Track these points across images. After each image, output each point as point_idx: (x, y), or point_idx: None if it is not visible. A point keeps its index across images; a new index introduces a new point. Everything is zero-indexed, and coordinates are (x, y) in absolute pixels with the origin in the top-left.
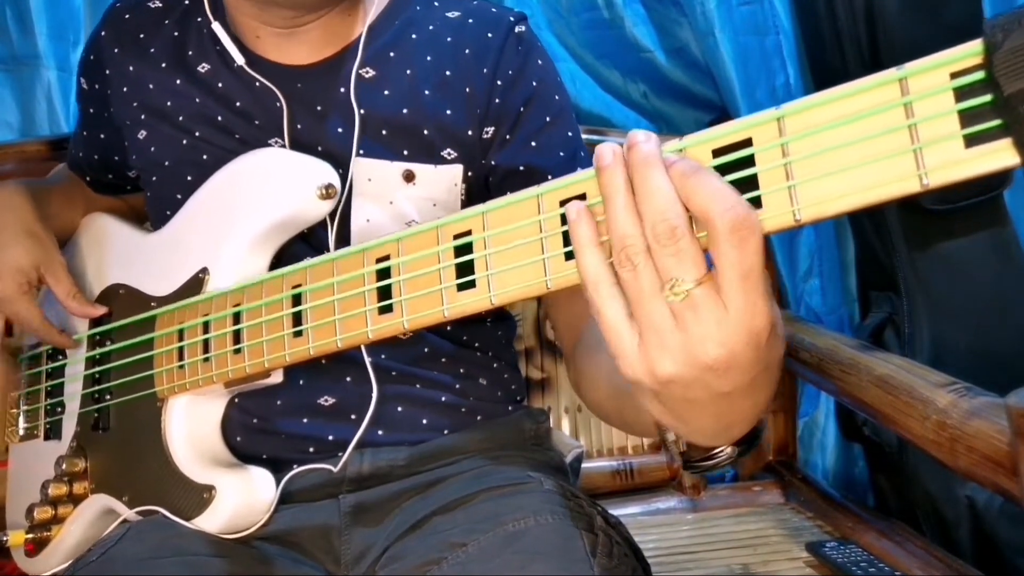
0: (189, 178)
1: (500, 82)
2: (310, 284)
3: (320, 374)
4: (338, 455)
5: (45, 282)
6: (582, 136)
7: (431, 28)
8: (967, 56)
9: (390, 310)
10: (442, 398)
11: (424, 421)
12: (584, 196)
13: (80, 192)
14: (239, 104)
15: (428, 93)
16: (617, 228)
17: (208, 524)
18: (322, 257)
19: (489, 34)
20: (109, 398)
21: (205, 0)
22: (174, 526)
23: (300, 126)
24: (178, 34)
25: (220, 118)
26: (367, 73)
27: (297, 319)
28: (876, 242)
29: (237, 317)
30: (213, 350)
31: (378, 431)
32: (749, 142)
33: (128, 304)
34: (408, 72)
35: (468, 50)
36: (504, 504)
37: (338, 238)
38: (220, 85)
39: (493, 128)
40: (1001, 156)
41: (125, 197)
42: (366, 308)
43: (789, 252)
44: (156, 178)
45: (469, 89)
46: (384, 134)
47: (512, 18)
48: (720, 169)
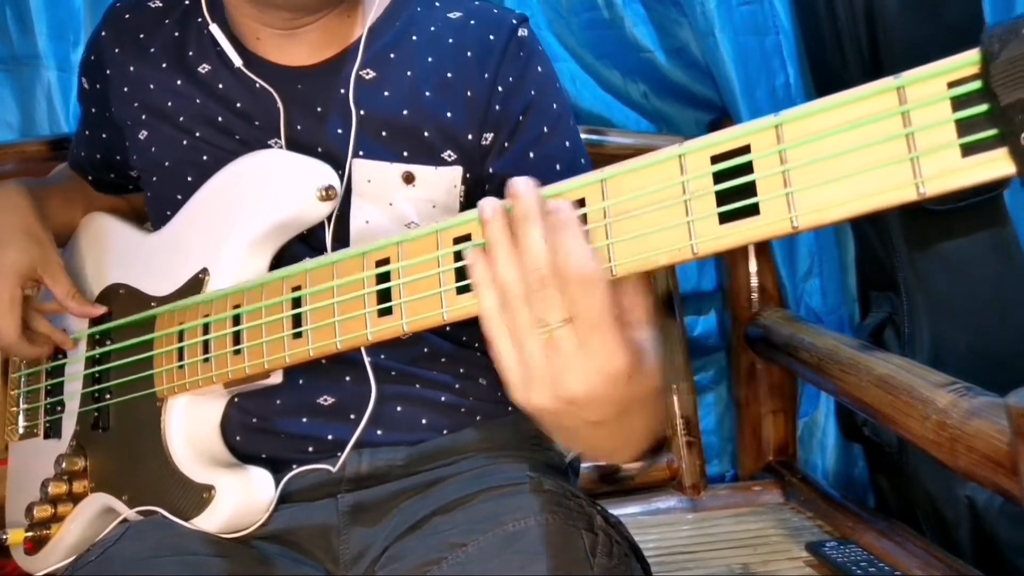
0: (189, 178)
1: (501, 88)
2: (310, 287)
3: (319, 374)
4: (337, 455)
5: (44, 283)
6: (582, 138)
7: (432, 29)
8: (964, 66)
9: (390, 312)
10: (441, 398)
11: (423, 421)
12: None
13: (80, 192)
14: (239, 105)
15: (429, 94)
16: (499, 276)
17: (207, 524)
18: (322, 259)
19: (491, 36)
20: (109, 397)
21: (203, 1)
22: (173, 525)
23: (300, 127)
24: (178, 34)
25: (220, 119)
26: (367, 74)
27: (297, 321)
28: (876, 242)
29: (237, 318)
30: (213, 351)
31: (377, 431)
32: (747, 149)
33: (128, 304)
34: (409, 73)
35: (470, 52)
36: (504, 504)
37: (337, 239)
38: (220, 86)
39: (492, 135)
40: (997, 165)
41: (127, 196)
42: (366, 310)
43: (789, 252)
44: (156, 178)
45: (470, 93)
46: (384, 135)
47: (514, 20)
48: (718, 176)
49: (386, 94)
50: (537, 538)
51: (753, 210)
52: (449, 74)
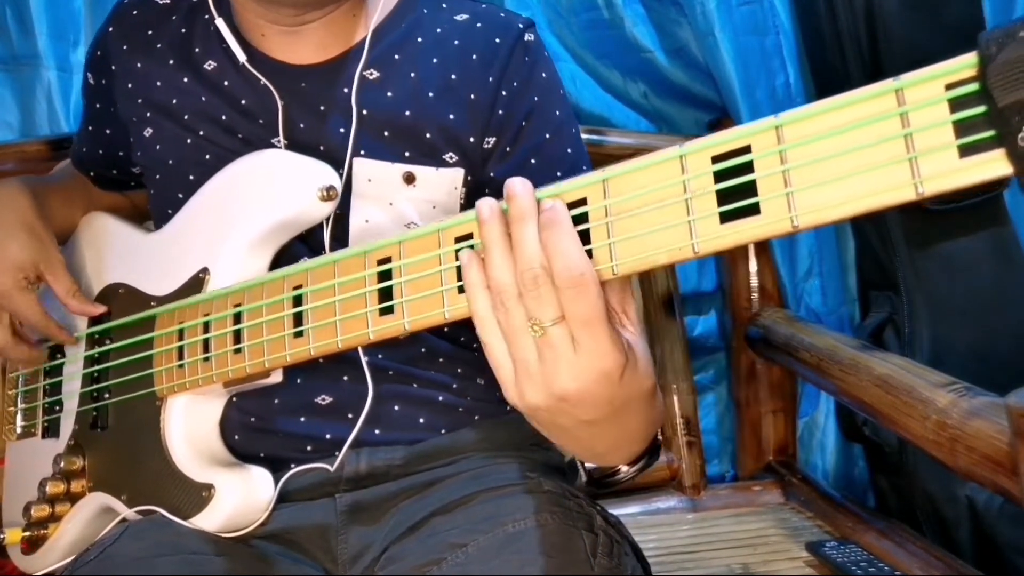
0: (191, 177)
1: (504, 92)
2: (311, 285)
3: (317, 373)
4: (335, 454)
5: (44, 280)
6: (582, 138)
7: (438, 31)
8: (962, 68)
9: (391, 311)
10: (439, 398)
11: (421, 420)
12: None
13: (81, 190)
14: (244, 103)
15: (432, 96)
16: (493, 276)
17: (206, 523)
18: (323, 258)
19: (497, 39)
20: (108, 397)
21: None
22: (172, 525)
23: (302, 125)
24: (185, 31)
25: (224, 117)
26: (371, 74)
27: (298, 319)
28: (876, 242)
29: (237, 317)
30: (213, 350)
31: (375, 430)
32: (748, 149)
33: (128, 303)
34: (413, 75)
35: (475, 55)
36: (503, 505)
37: (336, 238)
38: (226, 83)
39: (494, 139)
40: (994, 166)
41: (128, 194)
42: (367, 309)
43: (789, 252)
44: (160, 176)
45: (474, 96)
46: (386, 135)
47: (521, 25)
48: (719, 175)
49: (389, 94)
50: (537, 538)
51: (754, 209)
52: (453, 76)
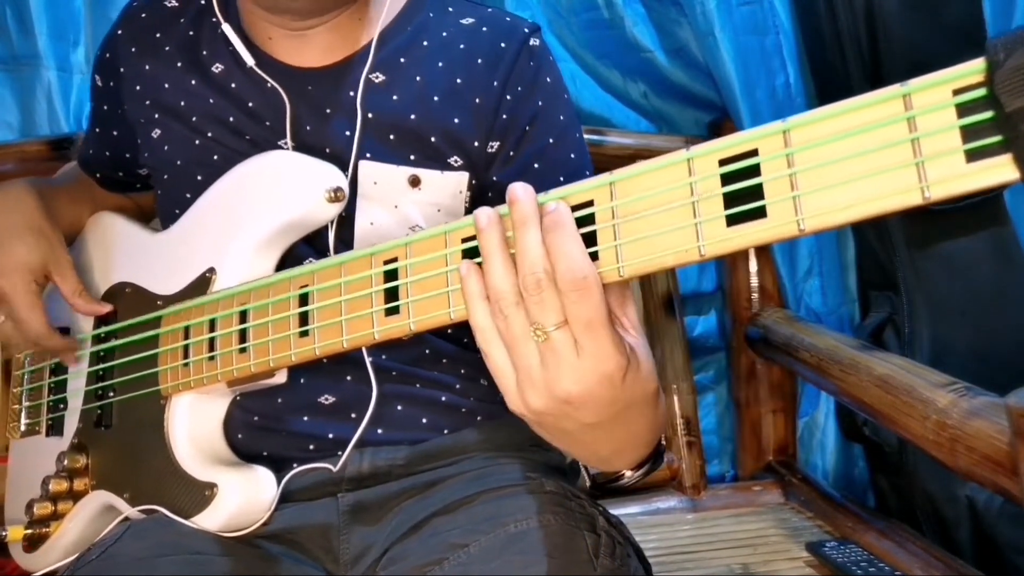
0: (199, 178)
1: (509, 96)
2: (317, 285)
3: (321, 373)
4: (338, 454)
5: (51, 280)
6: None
7: (444, 35)
8: (970, 74)
9: (397, 312)
10: (442, 398)
11: (424, 421)
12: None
13: (88, 191)
14: (251, 105)
15: (437, 99)
16: (492, 284)
17: (208, 522)
18: (330, 259)
19: (502, 44)
20: (112, 395)
21: (216, 1)
22: (175, 524)
23: (309, 127)
24: (193, 34)
25: (232, 119)
26: (377, 78)
27: (303, 319)
28: (876, 242)
29: (243, 316)
30: (218, 349)
31: (378, 430)
32: (755, 152)
33: (134, 302)
34: (418, 78)
35: (480, 59)
36: (505, 505)
37: (342, 240)
38: (233, 86)
39: (498, 143)
40: (1001, 171)
41: (133, 196)
42: (373, 309)
43: (789, 252)
44: (168, 177)
45: (479, 100)
46: (392, 139)
47: (526, 29)
48: (726, 178)
49: (395, 98)
50: (539, 539)
51: (760, 213)
52: (458, 80)
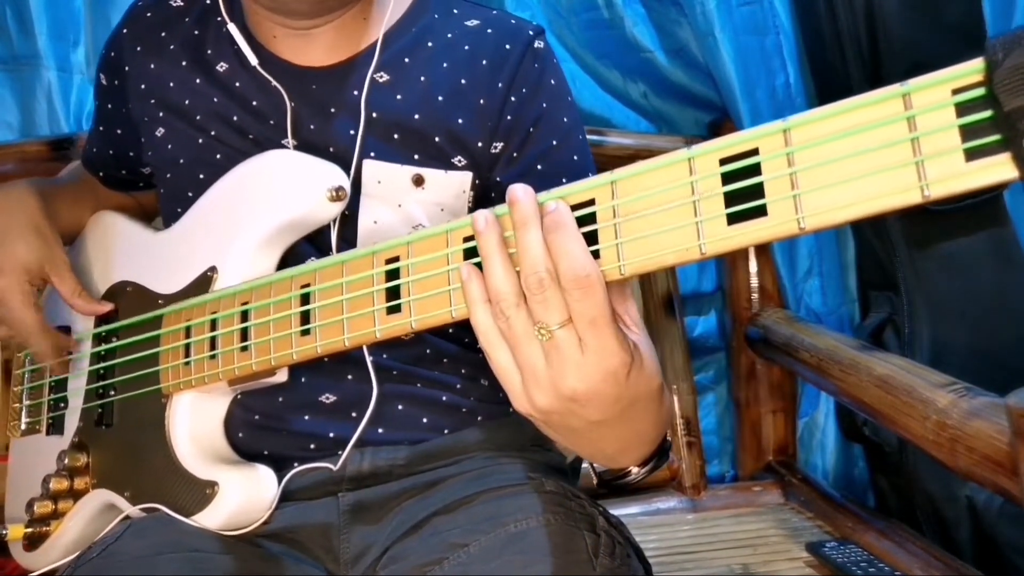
0: (202, 176)
1: (514, 98)
2: (319, 284)
3: (321, 372)
4: (338, 453)
5: (49, 281)
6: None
7: (449, 36)
8: (969, 73)
9: (398, 310)
10: (443, 398)
11: (424, 420)
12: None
13: (89, 191)
14: (255, 104)
15: (441, 100)
16: (492, 286)
17: (209, 521)
18: (332, 258)
19: (507, 46)
20: (113, 394)
21: (220, 0)
22: (175, 522)
23: (312, 127)
24: (198, 33)
25: (236, 118)
26: (381, 77)
27: (305, 318)
28: (876, 242)
29: (245, 315)
30: (220, 347)
31: (378, 429)
32: (756, 151)
33: (135, 301)
34: (423, 79)
35: (485, 60)
36: (505, 505)
37: (345, 239)
38: (237, 85)
39: (502, 144)
40: (1000, 170)
41: (136, 194)
42: (374, 308)
43: (789, 252)
44: (170, 175)
45: (483, 101)
46: (396, 138)
47: (531, 32)
48: (726, 177)
49: (399, 97)
50: (539, 539)
51: (761, 211)
52: (463, 81)
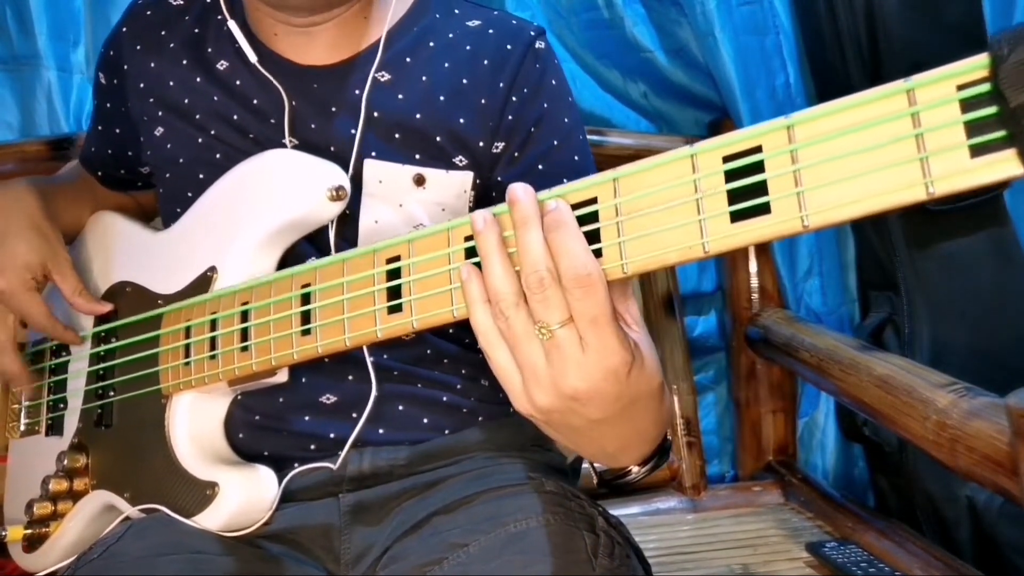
0: (201, 176)
1: (515, 98)
2: (320, 283)
3: (322, 372)
4: (339, 453)
5: (51, 279)
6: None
7: (450, 36)
8: (973, 69)
9: (399, 310)
10: (443, 398)
11: (425, 421)
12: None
13: (89, 191)
14: (255, 102)
15: (443, 99)
16: (491, 285)
17: (209, 521)
18: (332, 257)
19: (508, 46)
20: (113, 394)
21: None
22: (176, 523)
23: (313, 125)
24: (198, 31)
25: (236, 116)
26: (383, 77)
27: (306, 317)
28: (876, 242)
29: (245, 315)
30: (220, 347)
31: (379, 430)
32: (759, 149)
33: (134, 302)
34: (424, 78)
35: (486, 60)
36: (505, 505)
37: (346, 238)
38: (238, 83)
39: (503, 144)
40: (1006, 166)
41: (135, 194)
42: (375, 307)
43: (789, 252)
44: (170, 175)
45: (484, 101)
46: (397, 137)
47: (532, 32)
48: (729, 175)
49: (400, 97)
50: (539, 539)
51: (764, 209)
52: (464, 81)
